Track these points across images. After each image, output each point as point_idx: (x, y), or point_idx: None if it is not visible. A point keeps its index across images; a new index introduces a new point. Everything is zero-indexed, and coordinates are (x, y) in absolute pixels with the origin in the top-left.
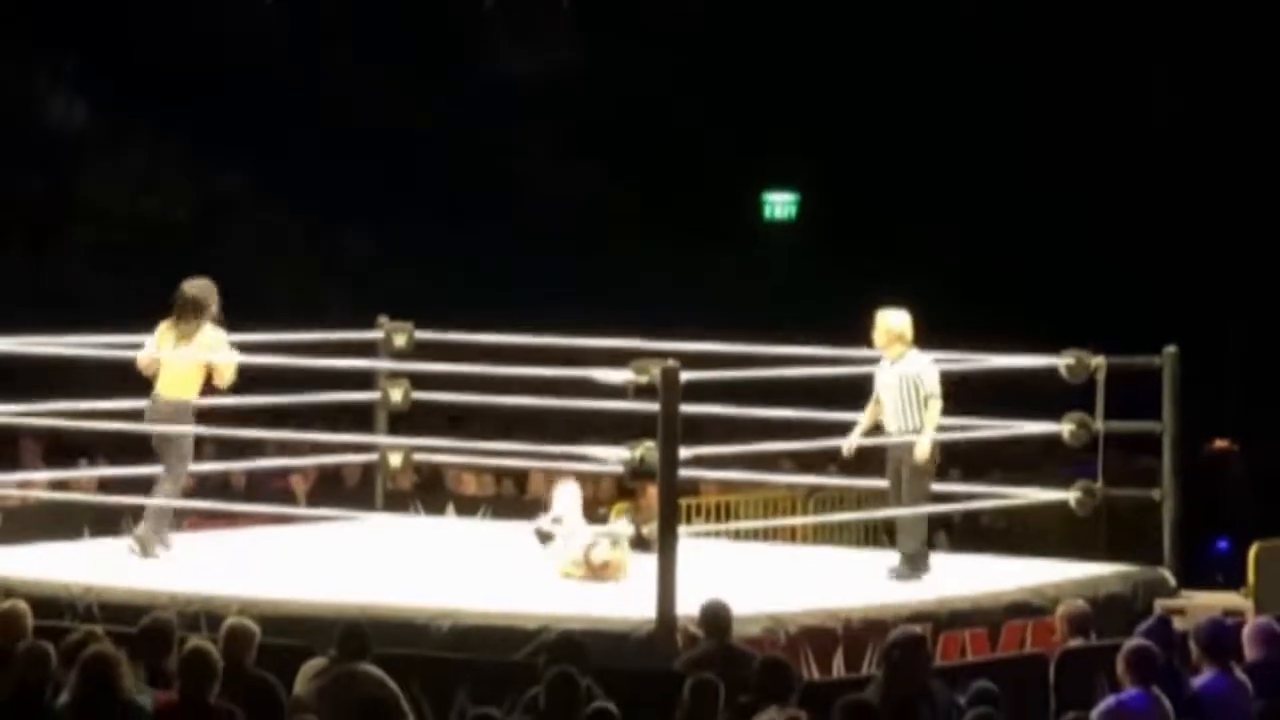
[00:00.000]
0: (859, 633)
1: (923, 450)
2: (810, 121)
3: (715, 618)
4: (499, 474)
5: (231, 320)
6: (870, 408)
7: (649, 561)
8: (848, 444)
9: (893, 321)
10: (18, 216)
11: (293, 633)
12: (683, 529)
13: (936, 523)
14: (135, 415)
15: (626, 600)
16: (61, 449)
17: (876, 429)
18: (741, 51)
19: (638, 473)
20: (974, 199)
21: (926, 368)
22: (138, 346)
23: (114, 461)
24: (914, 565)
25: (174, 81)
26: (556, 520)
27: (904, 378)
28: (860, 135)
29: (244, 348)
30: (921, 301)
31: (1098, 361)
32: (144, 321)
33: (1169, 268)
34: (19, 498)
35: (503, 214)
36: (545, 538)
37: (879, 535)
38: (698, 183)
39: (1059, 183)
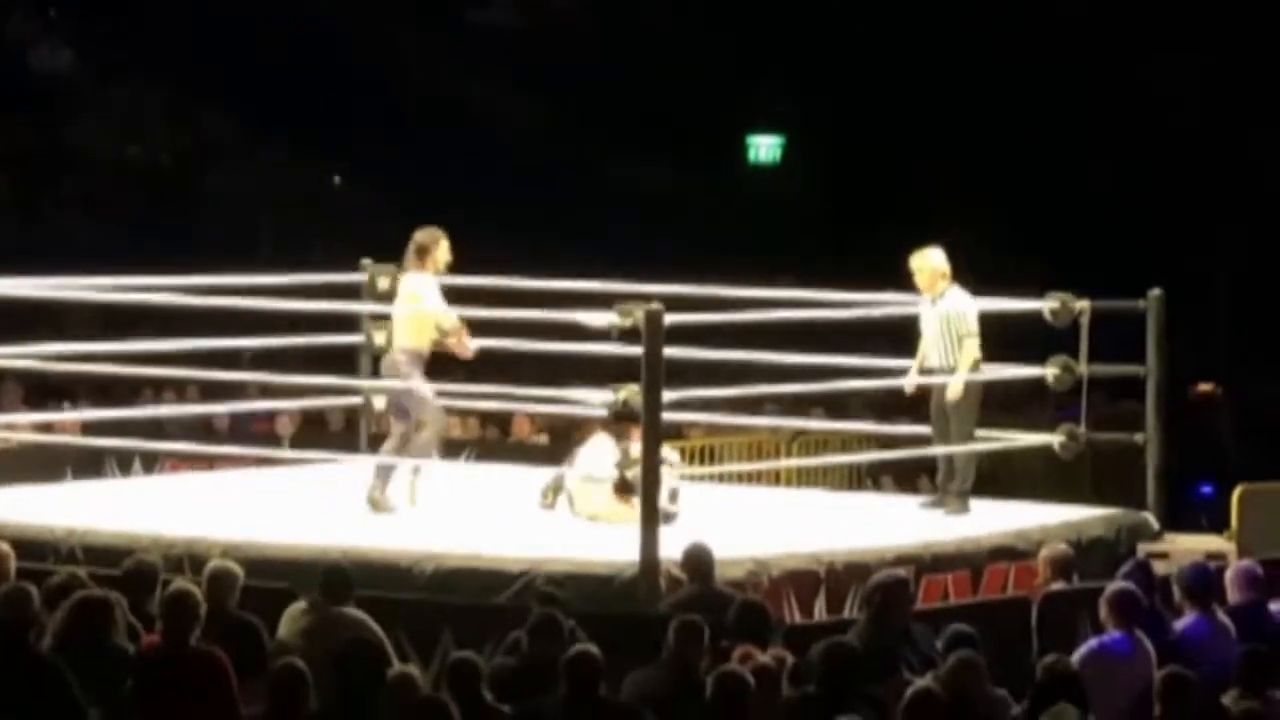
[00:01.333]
0: (841, 576)
1: (955, 389)
2: (797, 64)
3: (697, 561)
4: (483, 418)
5: (215, 264)
6: (921, 346)
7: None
8: (908, 383)
9: (934, 260)
10: (4, 164)
11: (276, 575)
12: (666, 471)
13: (920, 467)
14: (117, 358)
15: (610, 544)
16: (43, 391)
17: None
18: None
19: (621, 415)
20: (963, 144)
21: (967, 305)
22: (120, 289)
23: (96, 404)
24: (957, 500)
25: (157, 27)
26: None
27: (945, 315)
28: (847, 79)
29: (228, 291)
30: (907, 247)
31: (1082, 305)
32: (129, 267)
33: (1156, 210)
34: (1, 440)
35: (484, 157)
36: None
37: (863, 479)
38: (682, 125)
39: (1047, 125)
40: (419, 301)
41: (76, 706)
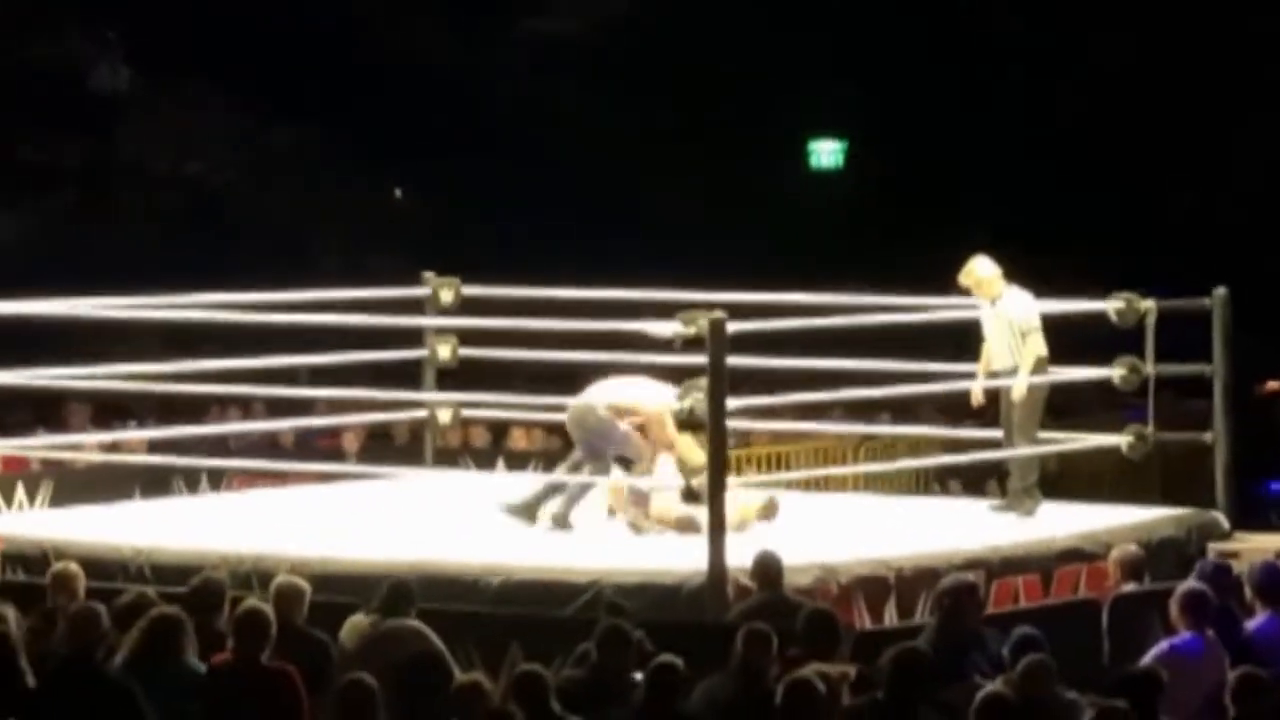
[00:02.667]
0: (911, 581)
1: (1019, 388)
2: (858, 70)
3: (766, 569)
4: (549, 429)
5: (278, 279)
6: (984, 351)
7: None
8: (975, 389)
9: (981, 270)
10: (64, 181)
11: (343, 590)
12: (732, 480)
13: (988, 470)
14: (182, 377)
15: (677, 553)
16: (110, 411)
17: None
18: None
19: (687, 423)
20: (1023, 146)
21: (1027, 302)
22: (184, 307)
23: (162, 422)
24: (1026, 502)
25: (216, 44)
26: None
27: (1007, 315)
28: (908, 84)
29: (292, 307)
30: (968, 251)
31: (1148, 305)
32: (189, 282)
33: (1218, 209)
34: (69, 460)
35: (550, 167)
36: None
37: (930, 483)
38: (744, 133)
39: (1110, 129)
40: None
41: None
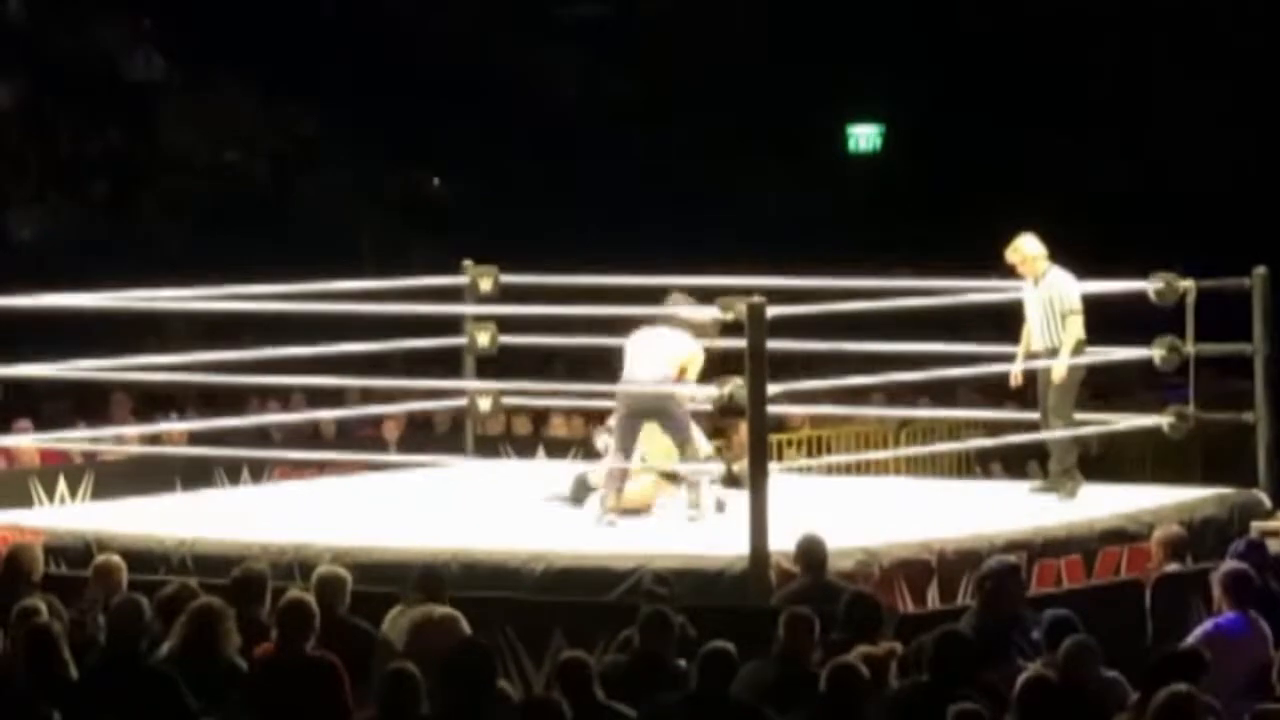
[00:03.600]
0: (953, 564)
1: (1059, 369)
2: (895, 54)
3: (810, 553)
4: (588, 416)
5: (315, 268)
6: (1025, 331)
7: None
8: (1014, 371)
9: (1028, 248)
10: (100, 170)
11: (385, 580)
12: (774, 465)
13: (1030, 452)
14: (222, 367)
15: (719, 537)
16: (151, 403)
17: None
18: None
19: (727, 410)
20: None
21: (1070, 284)
22: (223, 298)
23: (202, 414)
24: (1067, 484)
25: (250, 32)
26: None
27: (1048, 296)
28: (946, 69)
29: (330, 297)
30: (1009, 234)
31: (1187, 284)
32: (227, 271)
33: (1258, 186)
34: (111, 452)
35: (580, 154)
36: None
37: (971, 465)
38: (781, 117)
39: (1146, 113)
40: None
41: (189, 716)
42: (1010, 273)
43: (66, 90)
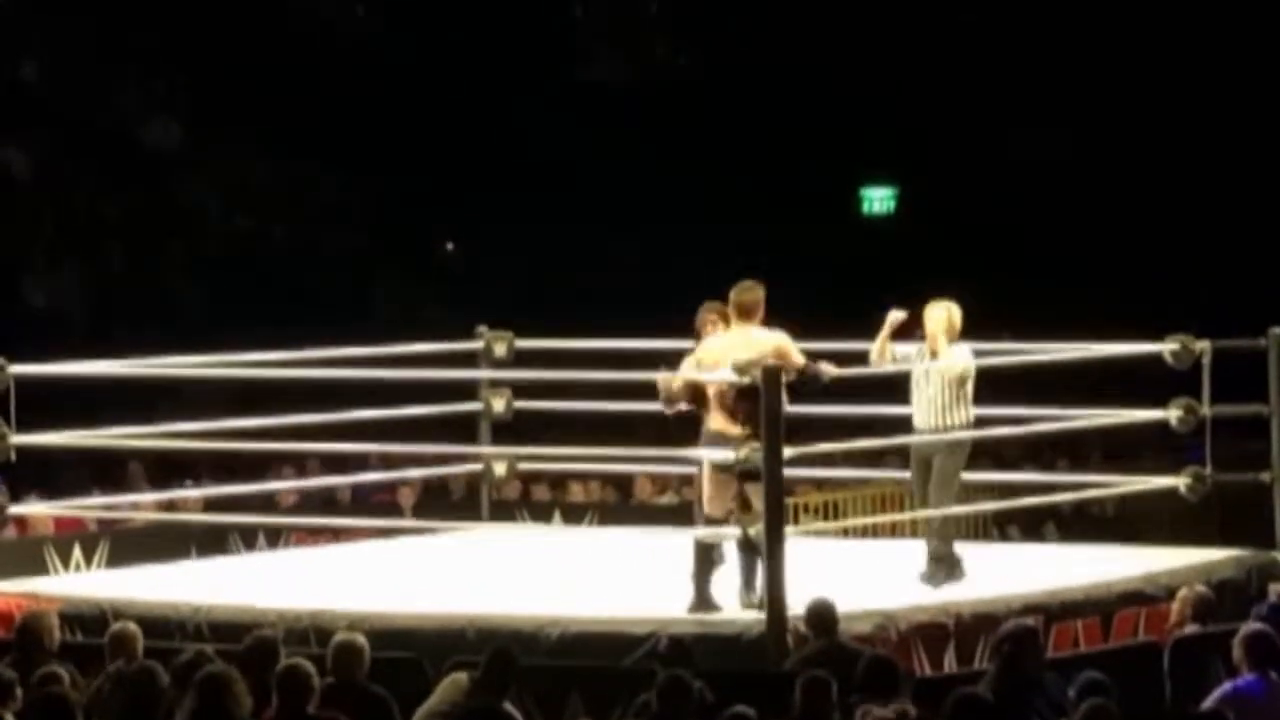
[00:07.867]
0: (970, 627)
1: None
2: (907, 116)
3: (820, 616)
4: (605, 480)
5: (330, 333)
6: (880, 344)
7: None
8: (874, 349)
9: (957, 315)
10: (116, 233)
11: (402, 646)
12: (789, 528)
13: (1045, 513)
14: (239, 435)
15: (734, 601)
16: (166, 469)
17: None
18: (838, 47)
19: (743, 474)
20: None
21: (968, 359)
22: (237, 365)
23: (218, 480)
24: (944, 568)
25: (266, 97)
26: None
27: (946, 371)
28: (957, 130)
29: (345, 362)
30: (1016, 294)
31: (1203, 345)
32: (239, 334)
33: (1269, 246)
34: (126, 520)
35: (596, 217)
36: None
37: (989, 528)
38: (795, 179)
39: (1158, 170)
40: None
41: None
42: (1023, 333)
43: (85, 155)
